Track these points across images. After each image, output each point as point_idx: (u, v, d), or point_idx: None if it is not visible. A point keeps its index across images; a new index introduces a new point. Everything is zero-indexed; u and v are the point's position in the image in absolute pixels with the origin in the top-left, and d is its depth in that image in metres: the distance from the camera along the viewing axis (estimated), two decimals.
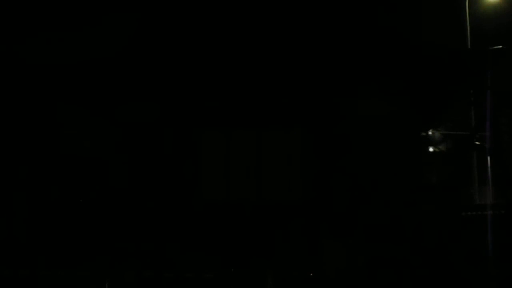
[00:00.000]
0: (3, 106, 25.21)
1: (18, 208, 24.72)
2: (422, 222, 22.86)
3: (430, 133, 25.47)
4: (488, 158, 24.61)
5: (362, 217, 23.30)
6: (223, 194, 24.49)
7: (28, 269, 23.62)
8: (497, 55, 24.64)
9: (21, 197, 24.79)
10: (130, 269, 23.35)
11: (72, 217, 24.54)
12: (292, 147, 24.44)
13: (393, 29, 24.44)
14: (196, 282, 23.10)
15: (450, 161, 25.67)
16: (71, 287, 23.24)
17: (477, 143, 24.78)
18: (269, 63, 24.64)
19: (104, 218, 24.42)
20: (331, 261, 23.07)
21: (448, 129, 25.57)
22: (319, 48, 24.61)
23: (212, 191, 24.58)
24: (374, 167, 23.96)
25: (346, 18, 24.63)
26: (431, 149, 25.63)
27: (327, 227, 23.51)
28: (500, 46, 24.69)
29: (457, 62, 24.95)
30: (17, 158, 25.08)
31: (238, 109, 24.57)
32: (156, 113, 24.87)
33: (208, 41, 24.90)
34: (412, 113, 24.37)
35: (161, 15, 25.09)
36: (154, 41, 25.06)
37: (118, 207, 24.56)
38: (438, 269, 22.16)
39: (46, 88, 25.05)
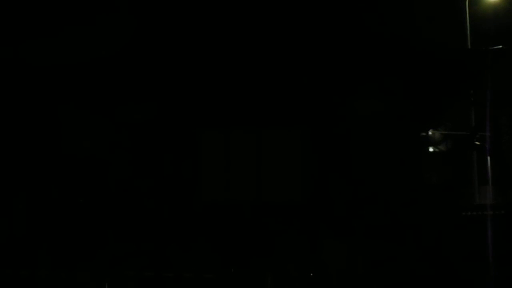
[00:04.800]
0: (4, 106, 25.22)
1: (18, 208, 24.73)
2: (422, 222, 22.85)
3: (430, 133, 25.47)
4: (488, 158, 24.61)
5: (362, 217, 23.30)
6: (223, 194, 24.48)
7: (28, 269, 23.63)
8: (497, 55, 24.64)
9: (21, 197, 24.80)
10: (130, 269, 23.35)
11: (72, 217, 24.55)
12: (292, 147, 24.43)
13: (393, 29, 24.44)
14: (196, 282, 23.10)
15: (450, 161, 25.67)
16: (71, 287, 23.25)
17: (477, 143, 24.76)
18: (269, 62, 24.64)
19: (104, 218, 24.43)
20: (331, 261, 23.06)
21: (448, 129, 25.57)
22: (319, 47, 24.61)
23: (212, 191, 24.57)
24: (374, 167, 23.95)
25: (346, 17, 24.63)
26: (431, 149, 25.63)
27: (327, 227, 23.50)
28: (500, 46, 24.69)
29: (457, 62, 24.94)
30: (18, 158, 25.08)
31: (238, 108, 24.56)
32: (156, 113, 24.87)
33: (207, 41, 24.90)
34: (412, 113, 24.36)
35: (161, 15, 25.09)
36: (153, 41, 25.06)
37: (118, 207, 24.57)
38: (438, 269, 22.15)
39: (46, 88, 25.05)
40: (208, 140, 24.65)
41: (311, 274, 23.14)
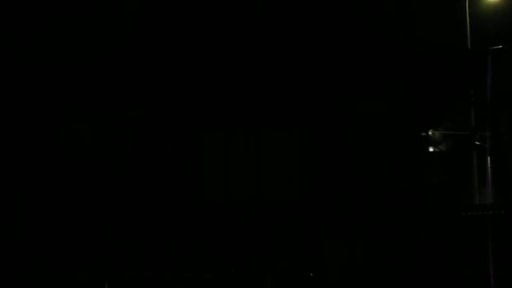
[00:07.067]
0: (3, 105, 25.18)
1: (18, 208, 24.70)
2: (422, 222, 22.87)
3: (430, 133, 25.52)
4: (488, 158, 24.62)
5: (362, 217, 23.30)
6: (223, 194, 24.47)
7: (28, 269, 23.61)
8: (497, 55, 24.63)
9: (21, 197, 24.76)
10: (130, 269, 23.34)
11: (71, 217, 24.52)
12: (293, 147, 24.42)
13: (393, 29, 24.43)
14: (196, 282, 23.10)
15: (450, 161, 25.68)
16: (71, 287, 23.23)
17: (477, 143, 24.77)
18: (269, 62, 24.62)
19: (104, 218, 24.41)
20: (331, 261, 23.08)
21: (448, 129, 25.63)
22: (319, 47, 24.60)
23: (212, 191, 24.55)
24: (374, 167, 23.95)
25: (346, 17, 24.62)
26: (431, 149, 25.68)
27: (327, 227, 23.50)
28: (500, 46, 24.68)
29: (457, 61, 24.93)
30: (17, 157, 25.04)
31: (238, 108, 24.55)
32: (156, 113, 24.84)
33: (207, 40, 24.88)
34: (412, 113, 24.36)
35: (160, 14, 25.07)
36: (153, 40, 25.03)
37: (118, 207, 24.54)
38: (438, 269, 22.18)
39: (46, 88, 25.01)
40: (208, 140, 24.64)
41: (311, 274, 23.14)
